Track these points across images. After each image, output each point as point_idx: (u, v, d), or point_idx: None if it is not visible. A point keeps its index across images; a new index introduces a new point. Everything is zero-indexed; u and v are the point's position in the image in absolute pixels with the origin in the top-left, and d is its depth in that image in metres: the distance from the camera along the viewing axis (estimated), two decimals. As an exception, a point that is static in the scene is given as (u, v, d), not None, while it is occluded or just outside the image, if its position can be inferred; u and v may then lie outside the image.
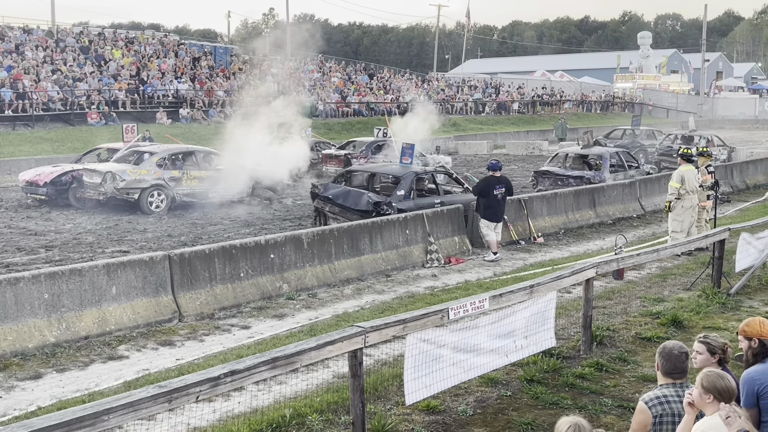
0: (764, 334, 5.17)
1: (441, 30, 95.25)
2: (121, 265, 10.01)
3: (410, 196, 15.80)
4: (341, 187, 16.68)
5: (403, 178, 16.06)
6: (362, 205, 15.44)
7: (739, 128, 62.25)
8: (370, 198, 15.53)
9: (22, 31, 40.31)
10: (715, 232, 11.95)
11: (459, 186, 17.59)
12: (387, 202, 15.33)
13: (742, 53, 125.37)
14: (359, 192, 16.08)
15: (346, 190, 16.28)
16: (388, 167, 17.95)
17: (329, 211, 16.07)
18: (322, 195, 16.33)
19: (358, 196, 15.82)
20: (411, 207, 15.28)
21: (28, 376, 8.28)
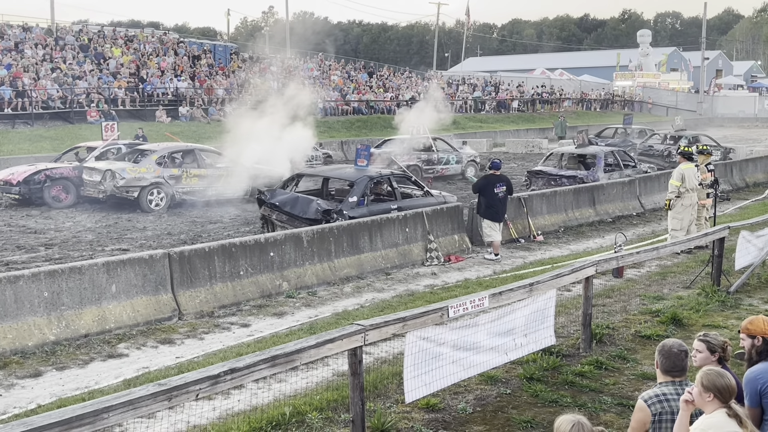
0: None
1: (441, 28, 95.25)
2: (120, 264, 10.01)
3: (364, 203, 14.78)
4: (289, 193, 15.46)
5: (356, 183, 14.93)
6: (310, 213, 14.31)
7: (739, 126, 62.26)
8: (319, 205, 14.41)
9: (21, 29, 40.28)
10: (715, 230, 11.95)
11: (419, 189, 16.51)
12: (338, 210, 14.29)
13: (741, 51, 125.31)
14: (308, 199, 14.90)
15: (294, 197, 15.06)
16: (341, 171, 16.86)
17: (276, 219, 14.91)
18: (268, 202, 15.13)
19: (306, 204, 14.63)
20: (364, 214, 14.29)
21: (28, 374, 8.28)
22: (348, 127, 38.98)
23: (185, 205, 19.70)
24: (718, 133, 54.48)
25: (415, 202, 15.74)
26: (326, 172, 17.09)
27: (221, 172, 20.33)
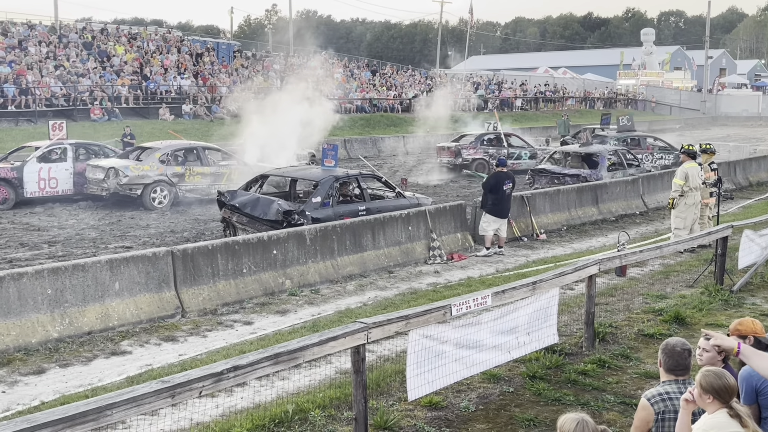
0: (758, 332, 5.27)
1: (444, 26, 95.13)
2: (123, 261, 10.02)
3: (329, 204, 14.29)
4: (250, 194, 14.96)
5: (321, 183, 14.43)
6: (271, 215, 13.82)
7: (743, 125, 62.16)
8: (280, 206, 13.86)
9: (25, 27, 40.33)
10: (718, 229, 11.93)
11: (390, 190, 15.92)
12: (300, 211, 13.80)
13: (745, 50, 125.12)
14: (269, 200, 14.39)
15: (255, 198, 14.57)
16: (306, 171, 16.33)
17: (236, 221, 14.47)
18: (228, 203, 14.70)
19: (267, 205, 14.11)
20: (329, 215, 13.90)
21: (31, 371, 8.30)
22: (351, 126, 38.92)
23: (188, 203, 19.72)
24: (721, 132, 54.56)
25: (385, 203, 15.16)
26: (291, 172, 16.35)
27: (224, 170, 20.35)
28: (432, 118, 34.14)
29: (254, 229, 13.53)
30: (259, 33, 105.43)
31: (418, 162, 32.04)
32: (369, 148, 36.84)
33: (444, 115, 34.16)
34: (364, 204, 14.84)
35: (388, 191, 15.99)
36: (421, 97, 37.12)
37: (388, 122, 43.45)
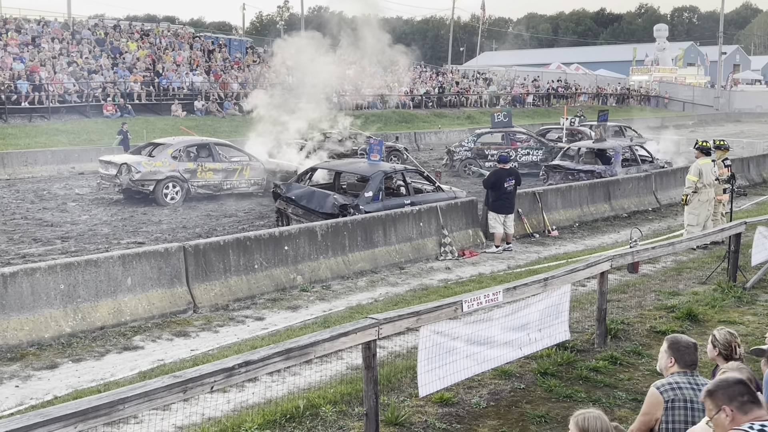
0: None
1: (456, 22, 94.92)
2: (136, 257, 10.06)
3: (379, 197, 14.74)
4: (305, 187, 15.54)
5: (371, 177, 14.92)
6: (327, 208, 14.33)
7: (756, 121, 61.76)
8: (336, 200, 14.40)
9: (38, 24, 40.51)
10: (731, 226, 11.87)
11: (430, 184, 16.45)
12: (354, 205, 14.25)
13: (759, 46, 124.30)
14: (324, 193, 14.94)
15: (311, 191, 15.14)
16: (355, 165, 16.87)
17: (292, 212, 14.99)
18: (284, 195, 15.25)
19: (323, 198, 14.68)
20: (379, 209, 14.28)
21: (44, 365, 8.34)
22: (363, 122, 38.88)
23: (200, 199, 19.77)
24: (735, 128, 54.24)
25: (427, 197, 15.63)
26: (340, 166, 17.21)
27: (236, 166, 20.39)
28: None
29: (309, 221, 13.89)
30: (271, 29, 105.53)
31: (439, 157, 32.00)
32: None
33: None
34: (408, 198, 15.27)
35: (428, 185, 16.42)
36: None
37: (400, 118, 43.41)
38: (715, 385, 3.90)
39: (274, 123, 22.68)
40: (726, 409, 3.77)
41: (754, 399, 3.79)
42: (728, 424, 3.75)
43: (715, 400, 3.82)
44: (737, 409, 3.75)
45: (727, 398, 3.79)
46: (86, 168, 25.67)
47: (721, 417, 3.78)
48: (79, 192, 21.53)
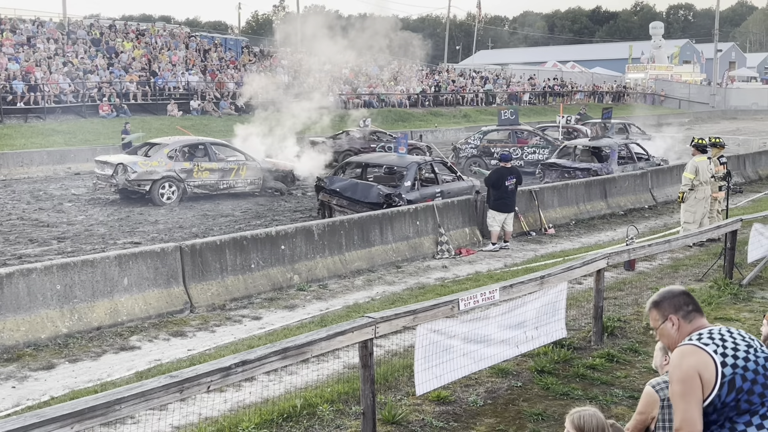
0: None
1: (451, 21, 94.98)
2: (132, 257, 10.05)
3: (415, 187, 15.84)
4: (348, 179, 16.50)
5: (407, 169, 16.08)
6: (372, 198, 15.32)
7: (752, 118, 61.88)
8: (381, 190, 15.42)
9: (33, 24, 40.44)
10: (728, 223, 11.87)
11: (452, 174, 17.55)
12: (397, 194, 15.30)
13: (755, 43, 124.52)
14: (368, 184, 16.00)
15: (354, 183, 16.12)
16: (390, 158, 17.87)
17: (336, 204, 15.84)
18: (328, 188, 16.12)
19: (367, 189, 15.68)
20: (417, 198, 15.35)
21: (40, 366, 8.33)
22: (348, 121, 38.84)
23: (197, 199, 19.76)
24: (731, 125, 54.33)
25: (451, 186, 16.75)
26: (375, 159, 18.41)
27: (233, 166, 20.38)
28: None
29: (353, 211, 14.85)
30: (267, 29, 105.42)
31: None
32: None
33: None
34: (438, 187, 16.46)
35: (451, 175, 17.54)
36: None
37: (396, 117, 43.41)
38: (661, 296, 4.01)
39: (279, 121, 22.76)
40: (673, 318, 3.90)
41: (697, 308, 3.93)
42: (675, 333, 3.88)
43: (661, 310, 3.96)
44: (683, 318, 3.89)
45: (673, 308, 3.92)
46: (82, 168, 25.66)
47: (667, 326, 3.92)
48: (75, 192, 21.51)
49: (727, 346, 3.64)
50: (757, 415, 3.58)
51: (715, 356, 3.60)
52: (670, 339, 3.90)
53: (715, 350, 3.62)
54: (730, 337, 3.70)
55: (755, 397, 3.57)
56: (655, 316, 3.97)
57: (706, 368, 3.58)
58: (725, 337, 3.69)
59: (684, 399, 3.59)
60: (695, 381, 3.58)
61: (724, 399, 3.56)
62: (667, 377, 4.38)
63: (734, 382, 3.56)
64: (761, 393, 3.59)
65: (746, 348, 3.66)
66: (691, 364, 3.61)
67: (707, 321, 3.92)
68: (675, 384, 3.65)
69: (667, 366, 4.87)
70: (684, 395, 3.59)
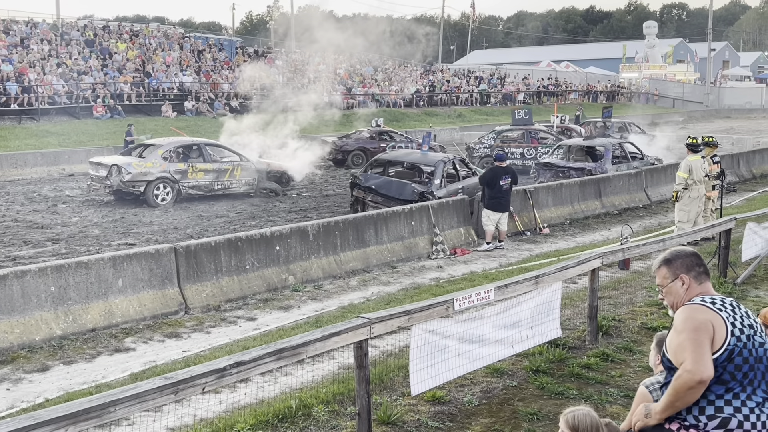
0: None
1: (446, 21, 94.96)
2: (127, 258, 10.03)
3: (442, 184, 16.44)
4: (381, 177, 17.26)
5: (436, 166, 16.80)
6: (407, 195, 15.96)
7: (746, 117, 62.04)
8: (415, 188, 16.19)
9: (26, 25, 40.35)
10: (722, 222, 11.91)
11: (468, 170, 18.14)
12: (429, 191, 15.94)
13: (748, 42, 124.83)
14: (402, 182, 16.79)
15: (389, 180, 16.92)
16: (415, 156, 18.53)
17: (371, 200, 16.46)
18: (363, 185, 16.75)
19: (401, 186, 16.45)
20: (444, 194, 15.99)
21: (35, 368, 8.31)
22: (354, 121, 38.89)
23: (191, 200, 19.73)
24: (725, 124, 54.46)
25: (470, 182, 17.20)
26: (404, 157, 19.11)
27: (227, 167, 20.35)
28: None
29: (387, 206, 15.31)
30: (261, 29, 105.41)
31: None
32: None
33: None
34: (460, 183, 17.06)
35: (469, 171, 18.14)
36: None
37: (391, 117, 43.41)
38: (673, 254, 4.00)
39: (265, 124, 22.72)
40: (684, 277, 3.91)
41: (707, 271, 3.96)
42: (684, 292, 3.89)
43: (672, 269, 3.95)
44: (694, 278, 3.90)
45: (685, 267, 3.92)
46: (76, 170, 25.62)
47: (677, 285, 3.92)
48: (69, 194, 21.47)
49: (736, 318, 3.71)
50: (731, 393, 3.63)
51: (727, 322, 3.66)
52: (677, 298, 3.91)
53: (728, 317, 3.68)
54: (739, 310, 3.77)
55: (739, 374, 3.63)
56: (664, 274, 3.96)
57: (720, 327, 3.64)
58: (735, 309, 3.75)
59: (698, 345, 3.60)
60: (710, 333, 3.62)
61: (718, 364, 3.61)
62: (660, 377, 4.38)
63: (732, 353, 3.61)
64: (745, 373, 3.63)
65: (749, 326, 3.73)
66: (707, 317, 3.66)
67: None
68: (688, 332, 3.66)
69: (660, 365, 4.88)
70: (697, 343, 3.61)
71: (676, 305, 3.92)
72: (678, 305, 3.89)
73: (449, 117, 47.38)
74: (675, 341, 3.74)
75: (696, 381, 3.57)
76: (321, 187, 23.57)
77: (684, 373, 3.59)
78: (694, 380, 3.57)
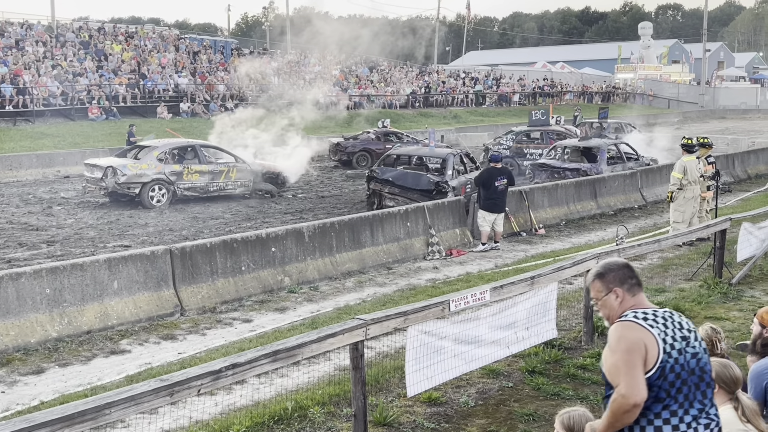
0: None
1: (441, 22, 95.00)
2: (122, 260, 10.02)
3: (453, 175, 17.15)
4: (398, 169, 18.07)
5: (446, 158, 17.68)
6: (423, 185, 16.77)
7: (741, 118, 62.17)
8: (431, 178, 16.95)
9: (22, 27, 40.28)
10: (717, 222, 11.93)
11: (473, 165, 18.84)
12: (444, 181, 16.63)
13: (743, 43, 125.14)
14: (417, 174, 17.64)
15: (404, 173, 17.71)
16: (427, 150, 19.24)
17: (388, 192, 17.17)
18: (380, 178, 17.42)
19: (417, 177, 17.27)
20: (456, 185, 16.80)
21: (30, 370, 8.29)
22: (349, 122, 38.89)
23: (187, 201, 19.71)
24: (720, 125, 54.55)
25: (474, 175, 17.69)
26: (413, 151, 20.11)
27: (222, 168, 20.34)
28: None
29: (405, 198, 16.61)
30: (257, 30, 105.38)
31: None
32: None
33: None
34: (467, 175, 17.71)
35: (471, 165, 18.84)
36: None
37: (386, 118, 43.38)
38: (605, 267, 3.98)
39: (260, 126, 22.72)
40: (617, 290, 3.89)
41: (639, 282, 3.94)
42: (618, 305, 3.87)
43: (605, 282, 3.92)
44: (627, 291, 3.88)
45: (618, 280, 3.90)
46: (71, 171, 25.57)
47: (611, 298, 3.89)
48: (64, 196, 21.44)
49: (668, 333, 3.69)
50: (668, 410, 3.64)
51: (659, 339, 3.64)
52: (612, 311, 3.89)
53: (659, 334, 3.66)
54: (672, 323, 3.74)
55: (673, 390, 3.63)
56: (598, 287, 3.94)
57: (652, 346, 3.62)
58: (667, 323, 3.72)
59: (631, 367, 3.59)
60: (642, 353, 3.61)
61: (652, 383, 3.60)
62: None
63: (664, 370, 3.61)
64: (679, 388, 3.64)
65: (682, 339, 3.70)
66: (639, 336, 3.64)
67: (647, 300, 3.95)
68: (621, 353, 3.64)
69: None
70: (630, 365, 3.59)
71: (611, 318, 3.91)
72: (613, 318, 3.88)
73: (445, 118, 47.38)
74: (609, 360, 3.74)
75: (630, 405, 3.58)
76: (317, 188, 23.56)
77: (618, 397, 3.61)
78: (629, 404, 3.58)
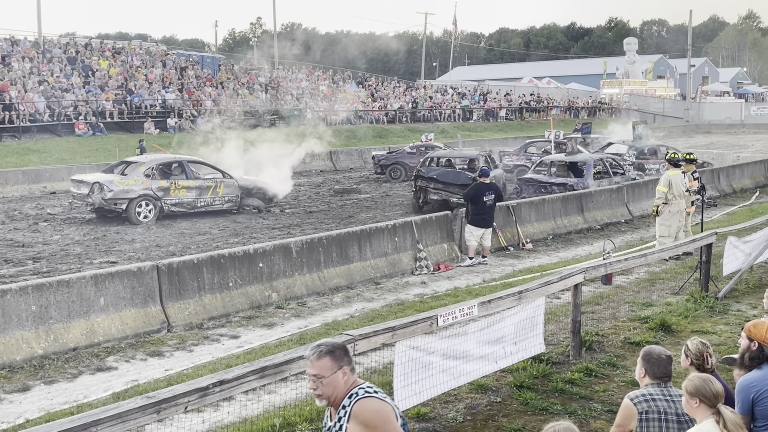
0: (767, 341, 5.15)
1: (428, 38, 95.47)
2: (109, 276, 9.97)
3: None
4: (439, 168, 21.87)
5: (477, 158, 22.23)
6: (463, 180, 19.52)
7: (726, 132, 62.65)
8: (468, 175, 20.05)
9: (8, 42, 40.17)
10: (703, 236, 12.00)
11: (494, 164, 22.27)
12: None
13: (727, 58, 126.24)
14: (457, 171, 21.32)
15: (446, 171, 21.12)
16: (459, 152, 23.91)
17: (432, 188, 20.14)
18: (426, 176, 20.52)
19: (457, 174, 20.66)
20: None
21: (15, 388, 8.22)
22: (336, 137, 38.93)
23: (174, 217, 19.65)
24: (705, 139, 54.96)
25: (497, 172, 21.22)
26: (446, 154, 24.40)
27: (210, 184, 20.30)
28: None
29: (447, 192, 19.74)
30: (244, 46, 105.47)
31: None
32: (355, 160, 36.93)
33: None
34: (494, 171, 20.27)
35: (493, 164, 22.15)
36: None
37: (374, 133, 43.51)
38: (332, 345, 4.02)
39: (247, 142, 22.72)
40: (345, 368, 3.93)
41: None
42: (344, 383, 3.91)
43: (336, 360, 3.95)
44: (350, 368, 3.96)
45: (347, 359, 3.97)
46: (58, 187, 25.46)
47: (338, 376, 3.91)
48: (50, 212, 21.33)
49: (395, 405, 3.97)
50: None
51: (396, 410, 3.93)
52: (338, 389, 3.90)
53: (393, 406, 3.95)
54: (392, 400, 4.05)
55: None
56: (329, 365, 3.92)
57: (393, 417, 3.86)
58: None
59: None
60: (395, 423, 3.85)
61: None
62: (645, 390, 4.40)
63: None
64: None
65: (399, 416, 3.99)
66: (387, 409, 3.85)
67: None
68: (384, 426, 3.83)
69: (645, 378, 4.91)
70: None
71: (335, 397, 3.89)
72: (338, 397, 3.88)
73: (432, 133, 47.47)
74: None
75: None
76: (304, 203, 23.55)
77: None
78: None
